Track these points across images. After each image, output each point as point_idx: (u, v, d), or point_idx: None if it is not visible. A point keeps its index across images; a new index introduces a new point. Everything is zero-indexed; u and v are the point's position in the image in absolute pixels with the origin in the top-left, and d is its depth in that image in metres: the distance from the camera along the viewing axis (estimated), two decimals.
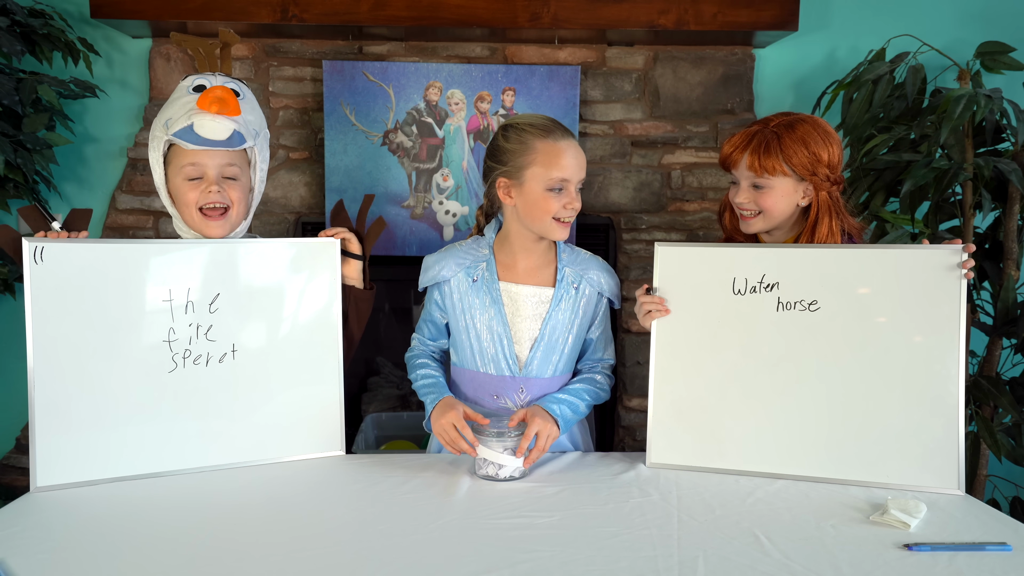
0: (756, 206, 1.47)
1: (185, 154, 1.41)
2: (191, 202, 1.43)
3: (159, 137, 1.42)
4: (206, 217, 1.44)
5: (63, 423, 1.32)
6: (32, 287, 1.29)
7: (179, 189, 1.43)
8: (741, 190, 1.48)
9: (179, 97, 1.43)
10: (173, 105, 1.42)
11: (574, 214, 1.47)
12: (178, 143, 1.40)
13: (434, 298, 1.60)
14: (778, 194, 1.45)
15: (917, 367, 1.33)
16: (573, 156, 1.46)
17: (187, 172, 1.42)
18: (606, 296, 1.58)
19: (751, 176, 1.45)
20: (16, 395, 2.49)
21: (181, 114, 1.39)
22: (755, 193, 1.46)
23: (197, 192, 1.42)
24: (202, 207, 1.43)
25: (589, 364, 1.60)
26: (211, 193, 1.42)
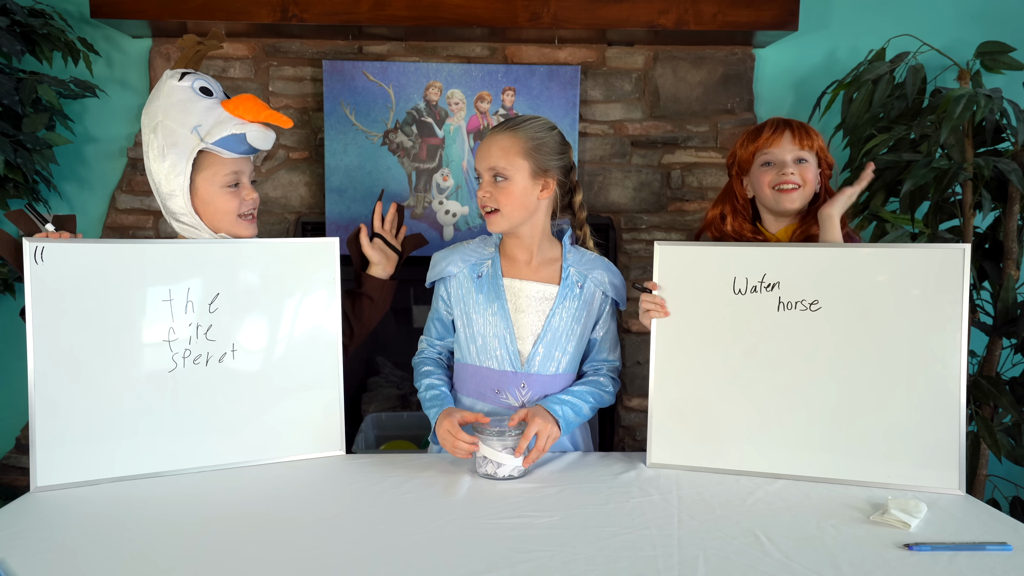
0: (800, 179, 1.53)
1: (224, 163, 1.42)
2: (231, 209, 1.45)
3: (187, 145, 1.39)
4: (244, 221, 1.47)
5: (63, 423, 1.32)
6: (32, 287, 1.29)
7: (214, 197, 1.44)
8: (786, 163, 1.54)
9: (191, 99, 1.41)
10: (192, 110, 1.40)
11: (489, 203, 1.49)
12: (220, 152, 1.40)
13: (440, 294, 1.61)
14: (814, 169, 1.56)
15: (918, 367, 1.33)
16: (481, 148, 1.50)
17: (227, 180, 1.43)
18: (611, 296, 1.58)
19: (795, 150, 1.54)
20: (16, 395, 2.49)
21: (214, 121, 1.38)
22: (799, 167, 1.54)
23: (238, 200, 1.45)
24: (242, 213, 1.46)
25: (594, 365, 1.60)
26: (250, 200, 1.46)
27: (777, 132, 1.55)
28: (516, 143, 1.47)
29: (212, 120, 1.38)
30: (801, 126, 1.56)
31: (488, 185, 1.48)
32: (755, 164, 1.58)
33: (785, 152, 1.54)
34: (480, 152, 1.50)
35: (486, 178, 1.48)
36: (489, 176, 1.48)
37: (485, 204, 1.49)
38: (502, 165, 1.46)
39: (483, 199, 1.48)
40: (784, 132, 1.55)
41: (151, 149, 1.42)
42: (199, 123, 1.38)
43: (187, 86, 1.42)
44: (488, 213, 1.49)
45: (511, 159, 1.46)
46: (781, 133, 1.55)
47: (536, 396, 1.53)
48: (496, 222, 1.49)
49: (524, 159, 1.47)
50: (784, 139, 1.54)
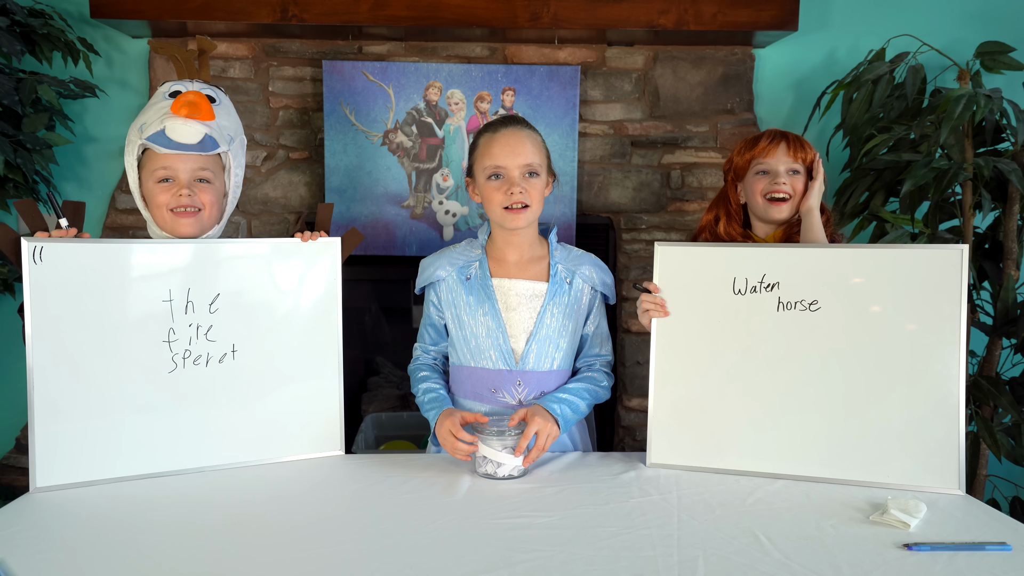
0: (791, 189, 1.56)
1: (158, 158, 1.42)
2: (162, 204, 1.43)
3: (133, 141, 1.43)
4: (176, 216, 1.43)
5: (63, 423, 1.32)
6: (31, 287, 1.29)
7: (151, 191, 1.44)
8: (779, 173, 1.57)
9: (155, 102, 1.44)
10: (149, 110, 1.44)
11: (521, 200, 1.47)
12: (151, 147, 1.40)
13: (431, 299, 1.62)
14: (804, 181, 1.59)
15: (917, 367, 1.33)
16: (505, 144, 1.48)
17: (158, 175, 1.43)
18: (600, 291, 1.59)
19: (788, 161, 1.58)
20: (16, 395, 2.49)
21: (155, 119, 1.40)
22: (791, 178, 1.57)
23: (168, 195, 1.43)
24: (172, 208, 1.43)
25: (587, 361, 1.60)
26: (181, 196, 1.42)
27: (774, 142, 1.59)
28: (539, 140, 1.53)
29: (155, 117, 1.40)
30: (797, 139, 1.59)
31: (521, 181, 1.48)
32: (750, 172, 1.61)
33: (780, 163, 1.57)
34: (507, 149, 1.48)
35: (516, 174, 1.47)
36: (521, 172, 1.48)
37: (519, 200, 1.47)
38: (537, 161, 1.50)
39: (517, 195, 1.47)
40: (780, 143, 1.58)
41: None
42: (145, 121, 1.41)
43: (162, 91, 1.45)
44: (518, 209, 1.48)
45: (541, 156, 1.52)
46: (777, 144, 1.58)
47: (533, 393, 1.53)
48: (525, 217, 1.49)
49: (545, 157, 1.54)
50: (780, 150, 1.58)
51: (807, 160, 1.58)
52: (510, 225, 1.50)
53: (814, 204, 1.55)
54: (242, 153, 1.54)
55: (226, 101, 1.50)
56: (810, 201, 1.55)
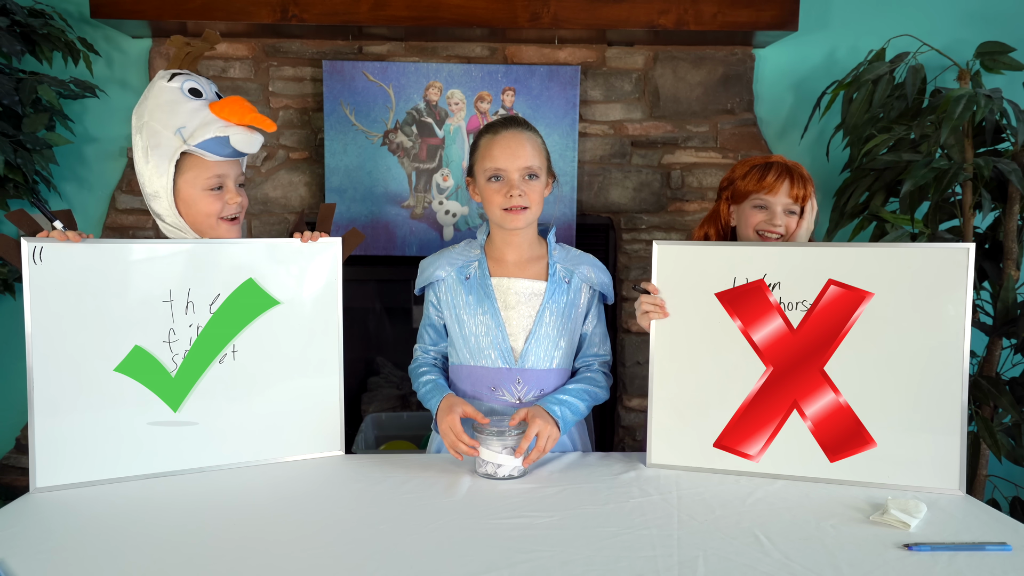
0: (785, 230, 1.55)
1: (207, 165, 1.39)
2: (213, 212, 1.42)
3: (170, 146, 1.37)
4: (227, 223, 1.44)
5: (63, 423, 1.32)
6: (31, 287, 1.29)
7: (195, 199, 1.41)
8: (776, 213, 1.55)
9: (178, 101, 1.38)
10: (178, 111, 1.37)
11: (521, 201, 1.48)
12: (203, 155, 1.37)
13: (430, 299, 1.62)
14: (805, 222, 1.57)
15: (919, 367, 1.32)
16: (506, 146, 1.49)
17: (210, 183, 1.40)
18: (598, 290, 1.59)
19: (788, 202, 1.55)
20: (16, 395, 2.49)
21: (199, 123, 1.36)
22: (787, 218, 1.56)
23: (220, 203, 1.42)
24: (223, 216, 1.43)
25: (586, 361, 1.61)
26: (234, 204, 1.43)
27: (780, 179, 1.55)
28: (539, 142, 1.54)
29: (197, 122, 1.36)
30: (801, 177, 1.56)
31: (521, 183, 1.49)
32: (749, 200, 1.58)
33: (779, 202, 1.55)
34: (507, 151, 1.49)
35: (516, 177, 1.48)
36: (521, 175, 1.49)
37: (519, 203, 1.48)
38: (537, 164, 1.50)
39: (517, 198, 1.48)
40: (785, 181, 1.55)
41: (137, 150, 1.41)
42: (183, 124, 1.36)
43: (176, 87, 1.39)
44: (517, 211, 1.49)
45: (540, 158, 1.52)
46: (783, 181, 1.55)
47: (532, 391, 1.54)
48: (524, 218, 1.50)
49: (545, 158, 1.54)
50: (783, 188, 1.55)
51: (803, 199, 1.56)
52: (510, 226, 1.51)
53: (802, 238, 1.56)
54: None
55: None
56: (798, 237, 1.55)
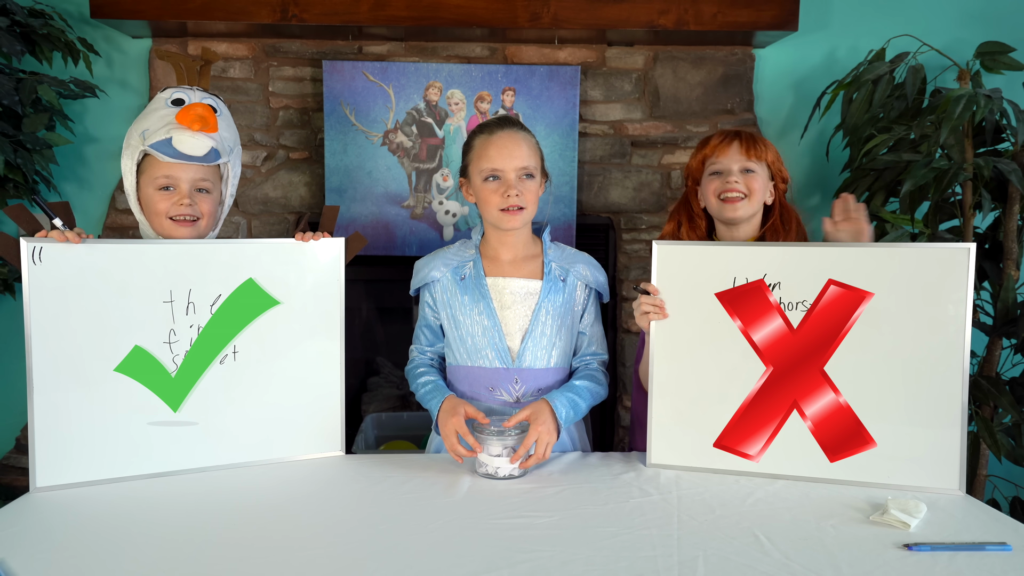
0: (746, 188, 1.54)
1: (160, 166, 1.43)
2: (161, 211, 1.44)
3: (134, 146, 1.43)
4: (175, 224, 1.45)
5: (63, 423, 1.32)
6: (31, 288, 1.29)
7: (150, 198, 1.45)
8: (732, 172, 1.55)
9: (157, 109, 1.44)
10: (151, 116, 1.44)
11: (518, 202, 1.49)
12: (154, 154, 1.41)
13: (426, 300, 1.62)
14: (762, 180, 1.56)
15: (920, 367, 1.32)
16: (502, 146, 1.50)
17: (160, 183, 1.43)
18: (594, 289, 1.59)
19: (742, 160, 1.54)
20: (16, 395, 2.49)
21: (160, 127, 1.41)
22: (745, 177, 1.55)
23: (168, 203, 1.44)
24: (172, 216, 1.45)
25: (584, 360, 1.61)
26: (182, 206, 1.44)
27: (725, 141, 1.56)
28: (534, 142, 1.55)
29: (159, 125, 1.42)
30: (751, 136, 1.56)
31: (518, 183, 1.49)
32: (704, 173, 1.59)
33: (732, 161, 1.54)
34: (504, 151, 1.49)
35: (512, 177, 1.49)
36: (518, 175, 1.49)
37: (515, 203, 1.49)
38: (533, 164, 1.51)
39: (514, 198, 1.48)
40: (733, 142, 1.55)
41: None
42: (147, 127, 1.42)
43: (164, 97, 1.45)
44: (514, 211, 1.49)
45: (536, 158, 1.53)
46: (730, 143, 1.55)
47: (530, 390, 1.54)
48: (521, 218, 1.51)
49: (540, 159, 1.55)
50: (732, 149, 1.55)
51: (763, 158, 1.55)
52: (506, 226, 1.51)
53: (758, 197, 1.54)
54: (238, 163, 1.56)
55: (226, 111, 1.51)
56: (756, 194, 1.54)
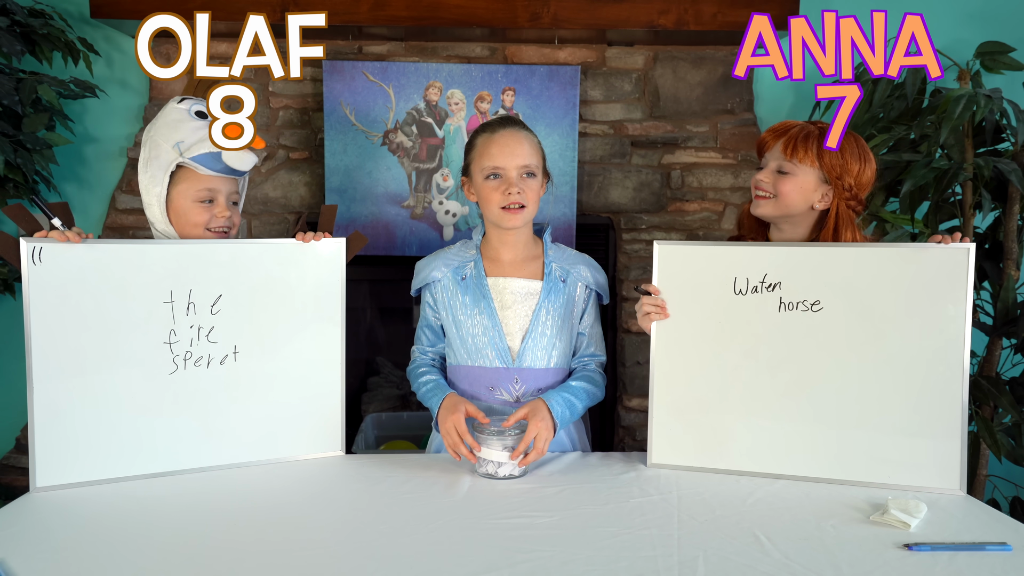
0: (773, 189, 1.46)
1: (200, 178, 1.45)
2: (201, 223, 1.47)
3: (167, 158, 1.44)
4: (214, 235, 1.48)
5: (63, 423, 1.32)
6: (31, 288, 1.29)
7: (186, 209, 1.46)
8: (765, 170, 1.48)
9: (182, 120, 1.45)
10: (181, 128, 1.45)
11: (519, 200, 1.49)
12: (196, 168, 1.44)
13: (427, 300, 1.62)
14: (798, 184, 1.44)
15: (920, 367, 1.32)
16: (504, 145, 1.50)
17: (200, 195, 1.46)
18: (594, 290, 1.59)
19: (780, 158, 1.46)
20: (16, 395, 2.48)
21: (197, 139, 1.43)
22: (777, 177, 1.46)
23: (208, 215, 1.47)
24: (211, 228, 1.48)
25: (582, 361, 1.61)
26: (222, 218, 1.48)
27: (775, 137, 1.48)
28: (536, 141, 1.55)
29: (195, 138, 1.44)
30: (805, 137, 1.44)
31: (519, 181, 1.49)
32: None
33: (771, 158, 1.47)
34: (506, 149, 1.49)
35: (514, 175, 1.49)
36: (519, 173, 1.49)
37: (516, 201, 1.49)
38: (534, 163, 1.51)
39: (516, 196, 1.48)
40: (780, 139, 1.46)
41: (140, 162, 1.49)
42: (182, 139, 1.44)
43: (184, 108, 1.47)
44: (515, 210, 1.49)
45: (537, 157, 1.53)
46: (777, 139, 1.47)
47: (530, 390, 1.54)
48: (522, 217, 1.51)
49: (541, 158, 1.55)
50: (776, 147, 1.47)
51: (805, 160, 1.42)
52: (507, 225, 1.51)
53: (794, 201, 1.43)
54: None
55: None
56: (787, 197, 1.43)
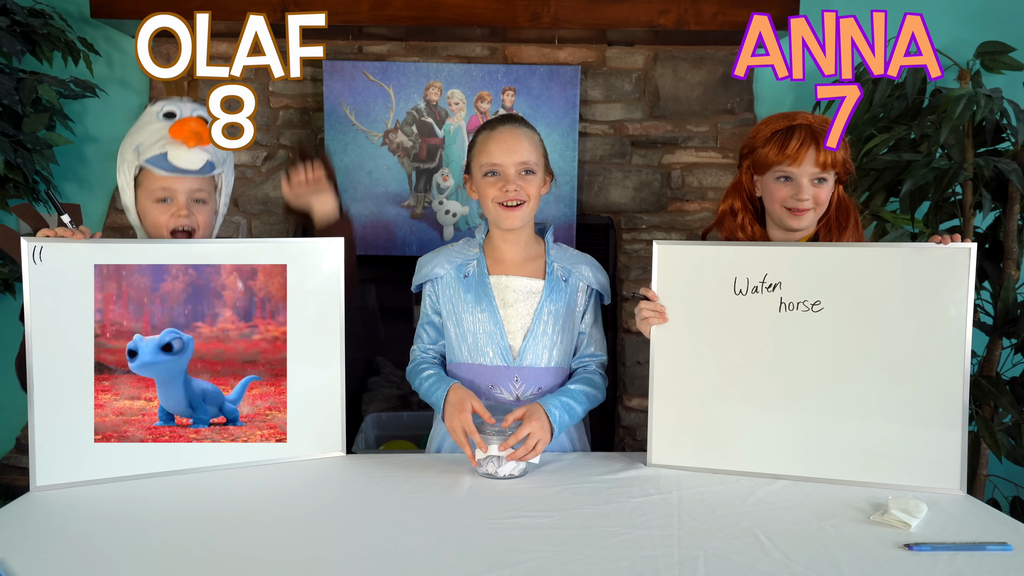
0: (814, 201, 1.44)
1: (156, 179, 1.45)
2: (161, 224, 1.47)
3: (130, 161, 1.46)
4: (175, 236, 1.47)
5: (63, 423, 1.31)
6: (31, 287, 1.29)
7: (149, 211, 1.47)
8: (803, 186, 1.43)
9: (149, 123, 1.46)
10: (144, 130, 1.46)
11: (516, 197, 1.49)
12: (151, 169, 1.44)
13: (428, 296, 1.62)
14: (831, 187, 1.47)
15: (920, 367, 1.32)
16: (502, 142, 1.50)
17: (156, 195, 1.46)
18: (595, 290, 1.59)
19: (814, 171, 1.43)
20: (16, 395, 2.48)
21: (153, 141, 1.44)
22: (815, 187, 1.44)
23: (167, 215, 1.47)
24: (172, 229, 1.47)
25: (583, 362, 1.60)
26: (181, 217, 1.47)
27: (804, 146, 1.42)
28: (537, 139, 1.55)
29: (152, 139, 1.44)
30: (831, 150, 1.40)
31: (517, 178, 1.49)
32: (771, 172, 1.47)
33: (804, 173, 1.43)
34: (503, 146, 1.50)
35: (512, 172, 1.49)
36: (518, 170, 1.50)
37: (516, 197, 1.49)
38: (533, 159, 1.51)
39: (513, 192, 1.48)
40: (810, 147, 1.42)
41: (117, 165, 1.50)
42: (141, 142, 1.45)
43: (154, 111, 1.48)
44: (513, 207, 1.50)
45: (537, 155, 1.53)
46: (807, 148, 1.42)
47: (530, 389, 1.54)
48: (522, 215, 1.51)
49: (542, 155, 1.55)
50: (808, 156, 1.42)
51: (833, 164, 1.43)
52: (505, 224, 1.51)
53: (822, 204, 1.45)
54: (231, 172, 1.58)
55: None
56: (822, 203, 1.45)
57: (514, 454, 1.37)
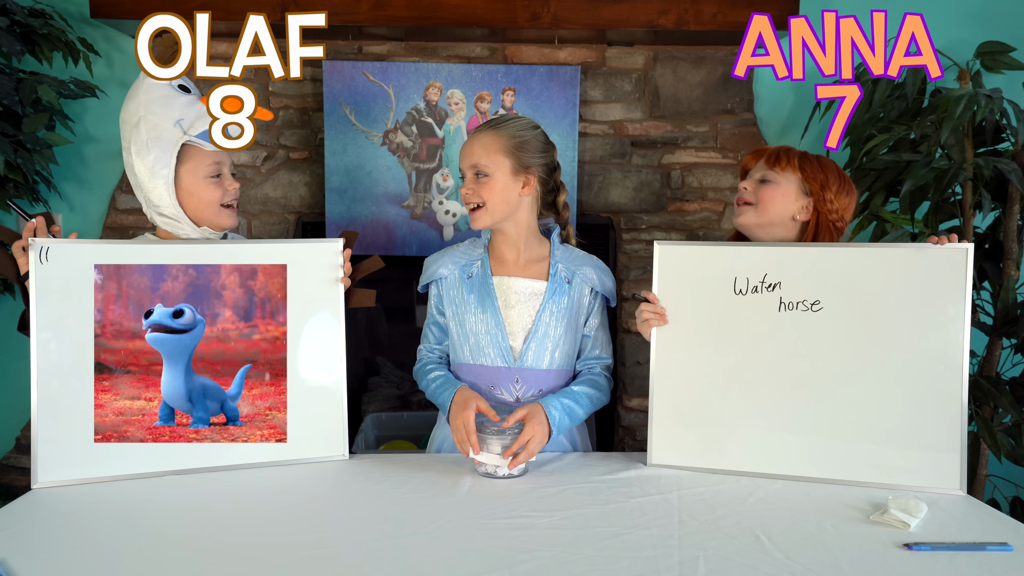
0: (754, 197, 1.50)
1: (206, 154, 1.44)
2: (214, 199, 1.46)
3: (170, 138, 1.40)
4: (227, 210, 1.48)
5: (63, 423, 1.32)
6: (36, 287, 1.29)
7: (197, 188, 1.45)
8: (748, 180, 1.53)
9: (172, 96, 1.42)
10: (174, 105, 1.42)
11: (469, 200, 1.52)
12: (201, 144, 1.42)
13: (433, 296, 1.62)
14: (780, 191, 1.49)
15: (920, 367, 1.32)
16: (464, 147, 1.54)
17: (210, 171, 1.45)
18: (600, 292, 1.59)
19: (762, 169, 1.52)
20: (16, 395, 2.49)
21: (195, 115, 1.42)
22: (759, 186, 1.51)
23: (220, 190, 1.46)
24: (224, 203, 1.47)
25: (588, 364, 1.60)
26: (231, 190, 1.48)
27: (756, 156, 1.55)
28: (497, 141, 1.51)
29: (193, 114, 1.42)
30: (787, 151, 1.51)
31: (471, 182, 1.51)
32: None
33: (755, 170, 1.53)
34: (463, 151, 1.54)
35: (468, 175, 1.52)
36: (471, 173, 1.51)
37: (468, 200, 1.52)
38: (483, 162, 1.50)
39: (466, 195, 1.52)
40: (762, 156, 1.54)
41: (133, 144, 1.42)
42: (181, 117, 1.42)
43: (163, 86, 1.44)
44: (472, 210, 1.52)
45: (492, 156, 1.50)
46: (761, 155, 1.54)
47: (531, 391, 1.54)
48: (480, 218, 1.52)
49: (505, 156, 1.50)
50: (760, 162, 1.54)
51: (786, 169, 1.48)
52: (473, 226, 1.54)
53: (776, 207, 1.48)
54: None
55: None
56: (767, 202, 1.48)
57: (515, 461, 1.37)
